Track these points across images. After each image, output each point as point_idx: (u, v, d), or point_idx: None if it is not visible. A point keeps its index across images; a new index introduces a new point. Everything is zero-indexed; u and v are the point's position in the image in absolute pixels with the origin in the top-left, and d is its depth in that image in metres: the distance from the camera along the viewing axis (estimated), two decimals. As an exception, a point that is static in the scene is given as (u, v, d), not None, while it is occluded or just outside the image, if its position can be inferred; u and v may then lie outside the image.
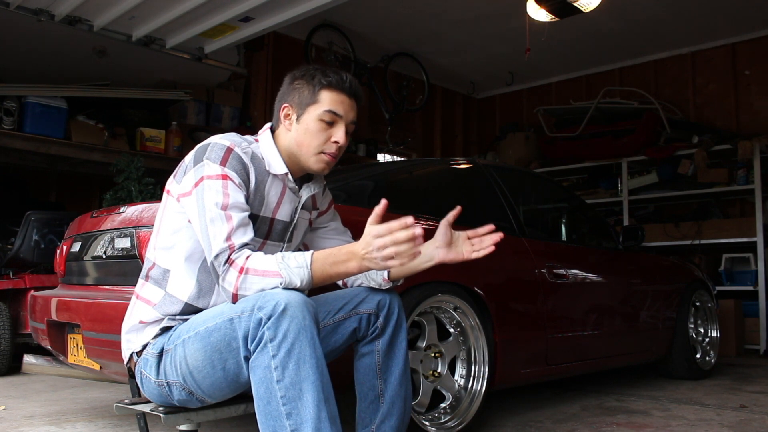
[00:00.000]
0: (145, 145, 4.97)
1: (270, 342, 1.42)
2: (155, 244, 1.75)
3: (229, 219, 1.56)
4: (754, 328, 5.49)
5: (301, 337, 1.42)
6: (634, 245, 3.69)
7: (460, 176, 3.17)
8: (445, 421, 2.43)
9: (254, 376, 1.45)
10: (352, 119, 1.74)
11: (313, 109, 1.70)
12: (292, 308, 1.43)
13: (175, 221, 1.70)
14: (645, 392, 3.56)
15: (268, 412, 1.43)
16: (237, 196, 1.60)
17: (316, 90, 1.70)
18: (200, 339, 1.54)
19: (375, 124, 6.75)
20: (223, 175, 1.60)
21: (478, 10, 5.62)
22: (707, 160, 5.76)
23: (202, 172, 1.61)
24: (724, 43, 6.35)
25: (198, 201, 1.59)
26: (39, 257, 4.08)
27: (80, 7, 4.46)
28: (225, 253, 1.53)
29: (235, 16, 4.63)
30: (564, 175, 6.93)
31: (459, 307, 2.49)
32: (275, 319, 1.42)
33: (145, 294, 1.73)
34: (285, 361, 1.41)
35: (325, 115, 1.69)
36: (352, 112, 1.74)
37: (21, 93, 4.45)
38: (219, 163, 1.61)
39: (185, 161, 1.70)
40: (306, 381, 1.42)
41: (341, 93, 1.71)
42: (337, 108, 1.70)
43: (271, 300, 1.44)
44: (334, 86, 1.70)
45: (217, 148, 1.63)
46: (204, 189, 1.59)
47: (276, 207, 1.73)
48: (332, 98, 1.70)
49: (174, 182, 1.71)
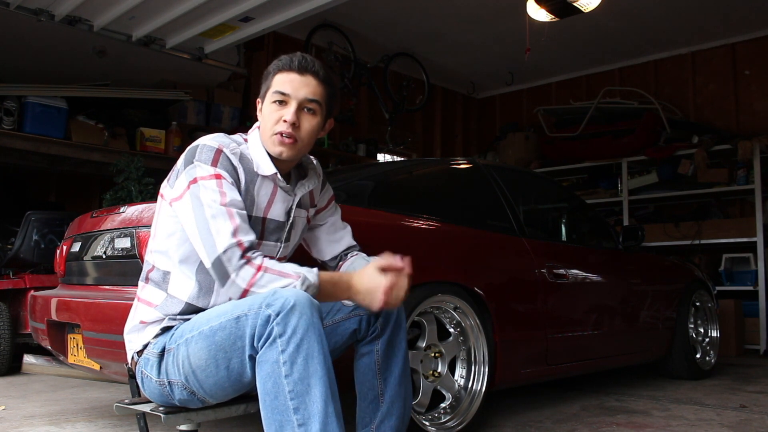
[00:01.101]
0: (145, 145, 4.97)
1: (279, 337, 1.43)
2: (152, 248, 1.75)
3: (232, 216, 1.56)
4: (754, 328, 5.49)
5: (310, 333, 1.44)
6: (634, 245, 3.69)
7: (460, 176, 3.16)
8: (445, 421, 2.43)
9: (261, 371, 1.46)
10: (306, 96, 1.68)
11: (269, 94, 1.70)
12: (301, 305, 1.45)
13: (169, 225, 1.70)
14: (645, 392, 3.56)
15: (275, 407, 1.43)
16: (233, 194, 1.60)
17: (270, 77, 1.71)
18: (204, 338, 1.54)
19: (375, 124, 6.75)
20: (216, 175, 1.60)
21: (478, 10, 5.62)
22: (707, 160, 5.76)
23: (194, 173, 1.61)
24: (724, 43, 6.35)
25: (194, 201, 1.59)
26: (39, 257, 4.08)
27: (80, 7, 4.46)
28: (235, 249, 1.53)
29: (235, 16, 4.63)
30: (564, 175, 6.93)
31: (459, 307, 2.49)
32: (284, 315, 1.43)
33: (146, 296, 1.73)
34: (294, 356, 1.42)
35: (274, 96, 1.68)
36: (304, 88, 1.68)
37: (21, 93, 4.45)
38: (210, 164, 1.61)
39: (177, 165, 1.69)
40: (314, 376, 1.43)
41: (289, 72, 1.68)
42: (284, 87, 1.67)
43: (280, 297, 1.45)
44: (281, 68, 1.69)
45: (207, 149, 1.63)
46: (199, 189, 1.59)
47: (267, 207, 1.72)
48: (281, 79, 1.69)
49: (168, 186, 1.71)
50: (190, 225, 1.60)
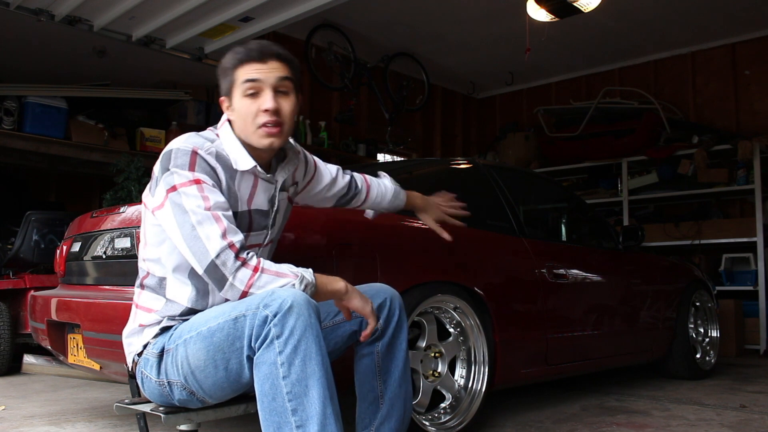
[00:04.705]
0: (145, 145, 4.97)
1: (276, 339, 1.42)
2: (144, 256, 1.73)
3: (218, 219, 1.53)
4: (754, 328, 5.49)
5: (308, 334, 1.43)
6: (634, 245, 3.69)
7: (460, 176, 3.16)
8: (445, 421, 2.43)
9: (259, 373, 1.45)
10: (278, 77, 1.63)
11: (236, 90, 1.64)
12: (299, 306, 1.44)
13: (156, 234, 1.68)
14: (645, 392, 3.56)
15: (273, 408, 1.43)
16: (216, 197, 1.57)
17: (230, 72, 1.65)
18: (202, 339, 1.53)
19: (375, 124, 6.75)
20: (196, 180, 1.56)
21: (478, 10, 5.62)
22: (707, 160, 5.76)
23: (171, 181, 1.56)
24: (724, 43, 6.35)
25: (176, 209, 1.55)
26: (39, 257, 4.08)
27: (80, 7, 4.45)
28: (228, 252, 1.51)
29: (235, 16, 4.62)
30: (564, 175, 6.93)
31: (459, 307, 2.49)
32: (281, 316, 1.42)
33: (144, 302, 1.72)
34: (291, 357, 1.42)
35: (244, 89, 1.62)
36: (273, 72, 1.63)
37: (21, 93, 4.46)
38: (188, 169, 1.57)
39: (155, 172, 1.65)
40: (312, 377, 1.42)
41: (251, 62, 1.63)
42: (252, 76, 1.62)
43: (278, 298, 1.44)
44: (242, 60, 1.63)
45: (181, 153, 1.59)
46: (180, 197, 1.55)
47: (250, 199, 1.69)
48: (245, 71, 1.63)
49: (149, 195, 1.68)
50: (175, 234, 1.57)
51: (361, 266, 2.19)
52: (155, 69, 5.35)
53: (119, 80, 5.15)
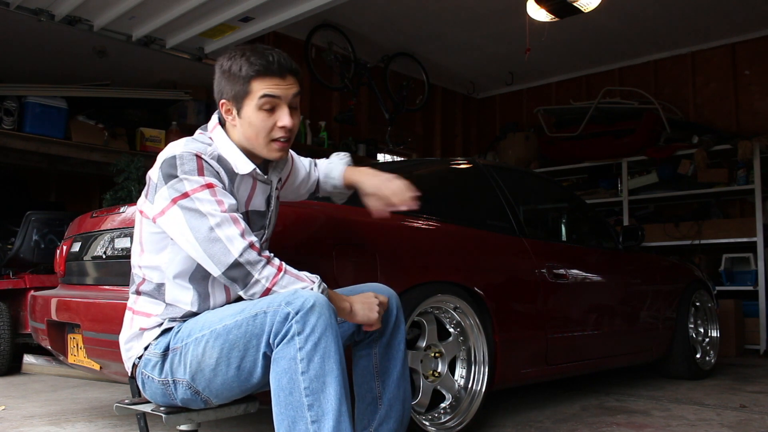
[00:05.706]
0: (145, 145, 4.97)
1: (297, 335, 1.45)
2: (140, 263, 1.72)
3: (236, 221, 1.56)
4: (754, 328, 5.49)
5: (327, 333, 1.46)
6: (634, 245, 3.69)
7: (460, 176, 3.16)
8: (445, 421, 2.43)
9: (277, 367, 1.47)
10: (293, 94, 1.66)
11: (249, 101, 1.62)
12: (320, 305, 1.47)
13: (156, 242, 1.67)
14: (645, 392, 3.56)
15: (289, 403, 1.45)
16: (229, 200, 1.58)
17: (246, 81, 1.61)
18: (216, 336, 1.54)
19: (375, 124, 6.75)
20: (208, 184, 1.57)
21: (478, 10, 5.62)
22: (707, 160, 5.76)
23: (182, 188, 1.56)
24: (724, 43, 6.35)
25: (189, 215, 1.54)
26: (39, 257, 4.08)
27: (80, 7, 4.45)
28: (250, 251, 1.53)
29: (235, 16, 4.62)
30: (564, 175, 6.93)
31: (459, 307, 2.49)
32: (304, 314, 1.45)
33: (141, 308, 1.71)
34: (311, 353, 1.44)
35: (261, 103, 1.62)
36: (290, 89, 1.65)
37: (21, 93, 4.45)
38: (197, 174, 1.57)
39: (152, 179, 1.63)
40: (330, 375, 1.45)
41: (272, 77, 1.62)
42: (273, 92, 1.62)
43: (300, 297, 1.48)
44: (261, 73, 1.61)
45: (187, 159, 1.58)
46: (194, 202, 1.54)
47: (248, 200, 1.72)
48: (264, 84, 1.61)
49: (147, 202, 1.65)
50: (185, 239, 1.56)
51: (361, 266, 2.19)
52: (155, 69, 5.35)
53: (119, 80, 5.15)
